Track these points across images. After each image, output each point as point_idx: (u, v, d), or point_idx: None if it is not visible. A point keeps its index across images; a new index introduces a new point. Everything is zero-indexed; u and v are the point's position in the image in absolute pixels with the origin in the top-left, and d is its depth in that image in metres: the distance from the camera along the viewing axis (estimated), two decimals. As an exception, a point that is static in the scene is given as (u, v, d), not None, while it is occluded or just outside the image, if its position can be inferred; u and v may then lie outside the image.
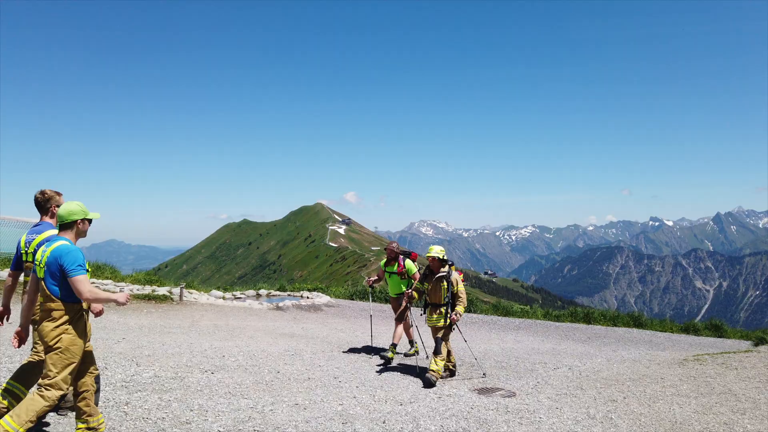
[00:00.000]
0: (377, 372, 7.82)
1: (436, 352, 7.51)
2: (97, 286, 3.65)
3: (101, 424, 4.30)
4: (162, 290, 12.94)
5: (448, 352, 7.79)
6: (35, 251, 4.40)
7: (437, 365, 7.38)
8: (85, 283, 3.94)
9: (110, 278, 13.67)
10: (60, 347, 3.97)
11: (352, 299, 17.16)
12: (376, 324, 11.78)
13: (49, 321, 3.99)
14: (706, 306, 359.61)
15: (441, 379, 7.63)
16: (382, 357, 8.47)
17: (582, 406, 6.58)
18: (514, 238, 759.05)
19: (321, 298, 15.19)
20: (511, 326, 14.59)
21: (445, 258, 7.79)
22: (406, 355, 9.09)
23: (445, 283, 7.70)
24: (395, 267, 8.85)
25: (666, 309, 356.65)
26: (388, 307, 12.44)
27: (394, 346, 8.59)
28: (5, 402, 4.31)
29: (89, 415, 4.23)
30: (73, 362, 4.04)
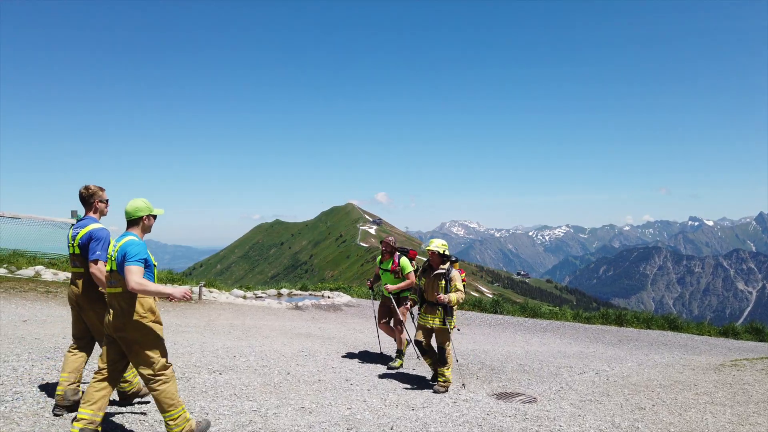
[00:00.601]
0: (391, 375, 7.54)
1: (442, 362, 6.95)
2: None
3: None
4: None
5: (433, 353, 7.15)
6: (80, 243, 4.77)
7: (445, 375, 6.91)
8: (135, 274, 4.04)
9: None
10: (148, 339, 4.20)
11: (375, 299, 16.92)
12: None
13: (126, 313, 4.15)
14: (749, 308, 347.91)
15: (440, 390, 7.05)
16: (390, 368, 7.96)
17: (607, 414, 6.18)
18: (547, 238, 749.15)
19: (341, 298, 14.98)
20: (537, 328, 14.11)
21: (446, 253, 7.09)
22: (401, 361, 8.25)
23: (443, 282, 7.00)
24: (389, 264, 8.19)
25: (706, 311, 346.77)
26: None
27: (399, 353, 8.15)
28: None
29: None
30: (160, 339, 4.29)
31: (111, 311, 4.23)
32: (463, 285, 7.09)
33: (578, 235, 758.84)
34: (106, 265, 4.39)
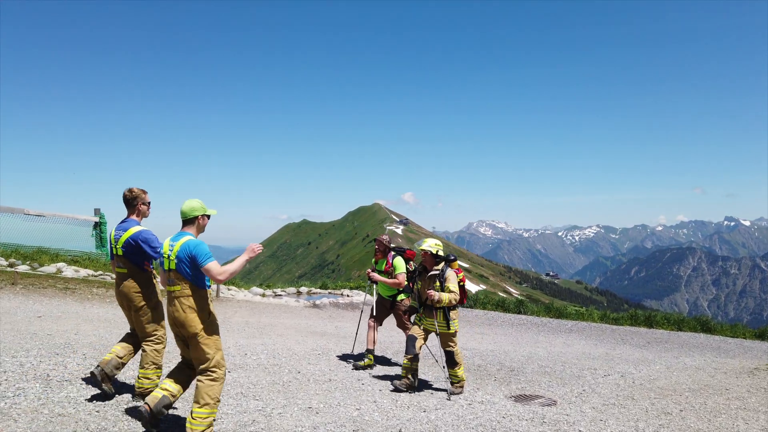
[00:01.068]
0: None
1: (453, 364, 6.54)
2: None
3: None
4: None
5: (417, 359, 6.58)
6: (123, 245, 4.99)
7: (458, 375, 6.58)
8: (216, 268, 4.28)
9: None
10: (205, 335, 4.38)
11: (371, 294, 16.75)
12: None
13: (188, 309, 4.34)
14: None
15: (398, 390, 6.52)
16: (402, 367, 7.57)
17: (630, 419, 5.86)
18: (577, 238, 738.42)
19: (360, 296, 14.81)
20: (562, 329, 13.70)
21: (439, 253, 6.61)
22: (356, 367, 7.49)
23: (438, 284, 6.46)
24: (383, 264, 7.57)
25: (743, 314, 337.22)
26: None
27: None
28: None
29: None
30: (216, 337, 4.48)
31: (171, 309, 4.43)
32: (462, 285, 6.62)
33: (609, 235, 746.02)
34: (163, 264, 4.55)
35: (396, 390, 6.52)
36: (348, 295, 15.03)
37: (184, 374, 4.57)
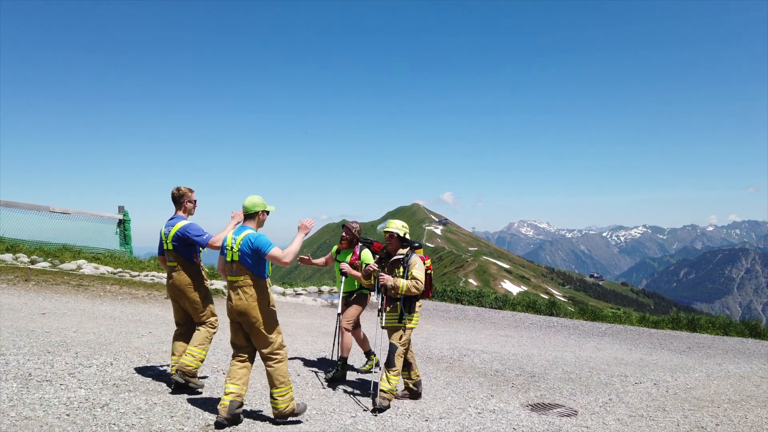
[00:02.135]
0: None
1: (388, 363, 5.62)
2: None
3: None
4: (218, 284, 12.64)
5: (408, 364, 5.98)
6: (173, 239, 5.40)
7: (390, 384, 5.57)
8: (279, 252, 4.66)
9: (155, 271, 13.51)
10: (266, 321, 4.75)
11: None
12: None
13: (249, 297, 4.70)
14: None
15: (400, 399, 5.96)
16: (326, 380, 6.49)
17: (658, 434, 5.23)
18: (622, 239, 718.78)
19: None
20: (595, 332, 12.89)
21: (406, 237, 5.90)
22: (360, 371, 7.13)
23: (400, 269, 5.72)
24: (348, 256, 6.71)
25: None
26: None
27: (343, 360, 6.55)
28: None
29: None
30: (276, 322, 4.86)
31: (233, 298, 4.76)
32: (429, 274, 5.90)
33: (656, 235, 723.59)
34: (225, 256, 4.86)
35: (399, 398, 6.06)
36: (371, 295, 14.61)
37: (238, 374, 4.80)
